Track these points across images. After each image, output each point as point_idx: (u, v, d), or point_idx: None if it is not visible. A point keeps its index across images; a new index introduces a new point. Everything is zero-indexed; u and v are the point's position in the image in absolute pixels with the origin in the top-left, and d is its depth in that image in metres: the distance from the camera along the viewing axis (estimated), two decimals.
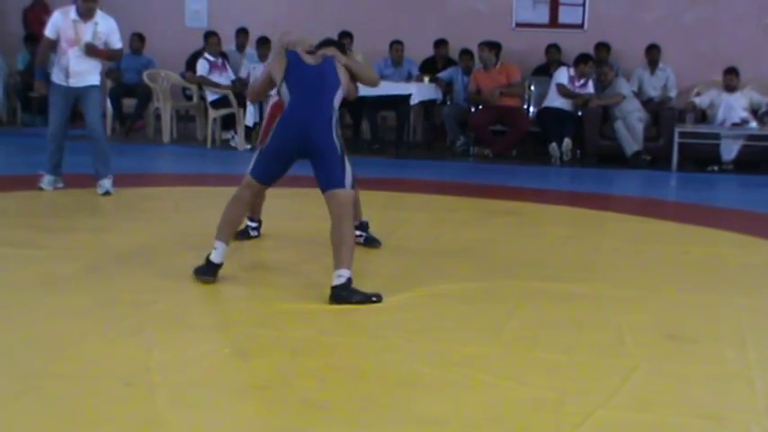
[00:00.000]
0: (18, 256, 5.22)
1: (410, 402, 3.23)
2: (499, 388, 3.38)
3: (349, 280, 4.35)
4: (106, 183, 7.31)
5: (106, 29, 7.34)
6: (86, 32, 7.22)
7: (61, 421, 2.99)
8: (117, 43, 7.48)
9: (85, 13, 7.23)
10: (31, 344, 3.76)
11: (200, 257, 5.08)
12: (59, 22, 7.24)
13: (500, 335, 4.01)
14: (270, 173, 4.68)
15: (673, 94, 11.11)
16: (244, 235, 5.63)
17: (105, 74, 12.33)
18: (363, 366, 3.61)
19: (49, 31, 7.30)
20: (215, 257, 4.61)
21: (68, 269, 4.94)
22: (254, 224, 5.75)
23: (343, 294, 4.33)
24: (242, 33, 12.18)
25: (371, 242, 5.59)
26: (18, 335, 3.88)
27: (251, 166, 4.72)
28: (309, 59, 4.72)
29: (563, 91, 10.67)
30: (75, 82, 7.27)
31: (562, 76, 10.77)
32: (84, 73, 7.29)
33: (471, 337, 3.99)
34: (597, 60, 10.93)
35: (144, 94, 11.87)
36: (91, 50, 7.26)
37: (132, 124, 12.14)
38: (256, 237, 5.72)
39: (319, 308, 4.32)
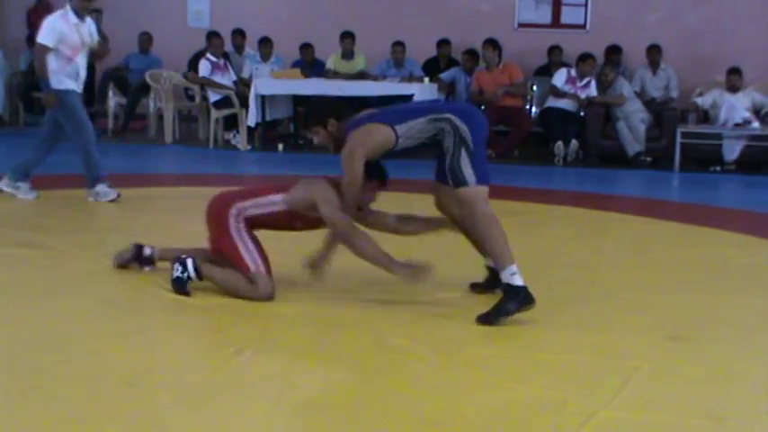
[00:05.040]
0: (21, 256, 5.22)
1: (412, 402, 3.22)
2: (501, 388, 3.38)
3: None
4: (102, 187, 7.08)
5: (93, 26, 7.11)
6: (86, 34, 6.98)
7: (64, 421, 2.99)
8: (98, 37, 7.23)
9: (83, 14, 6.93)
10: (34, 344, 3.75)
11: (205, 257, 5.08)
12: (62, 28, 6.82)
13: (502, 335, 4.01)
14: (488, 172, 4.31)
15: (675, 94, 11.11)
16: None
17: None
18: (365, 366, 3.61)
19: (48, 40, 6.78)
20: (520, 281, 4.15)
21: (71, 270, 4.94)
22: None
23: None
24: (238, 35, 12.18)
25: None
26: (21, 335, 3.88)
27: (474, 180, 4.20)
28: None
29: (554, 92, 10.69)
30: (81, 86, 7.05)
31: (558, 77, 10.78)
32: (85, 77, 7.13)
33: (473, 338, 3.98)
34: (607, 62, 10.94)
35: (136, 92, 11.86)
36: (103, 49, 7.07)
37: (125, 124, 12.06)
38: None
39: (321, 308, 4.32)
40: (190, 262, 4.39)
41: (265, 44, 11.89)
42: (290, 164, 9.96)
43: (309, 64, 11.81)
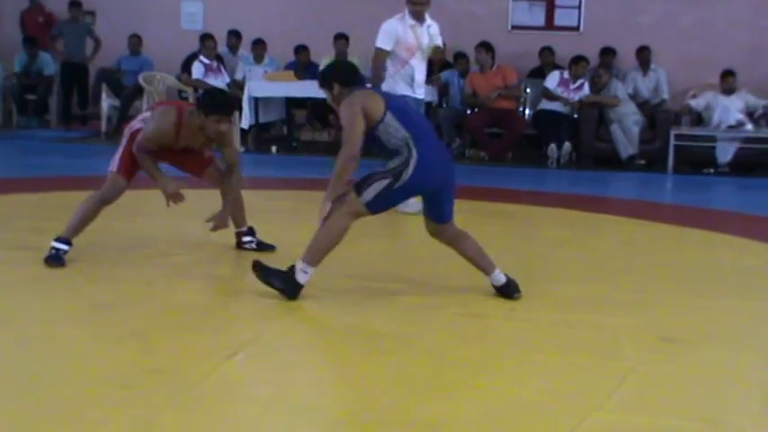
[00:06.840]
0: (15, 258, 5.21)
1: (407, 405, 3.22)
2: (495, 390, 3.38)
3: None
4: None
5: (435, 29, 7.04)
6: (422, 36, 6.93)
7: (59, 424, 2.98)
8: (441, 43, 7.11)
9: (419, 18, 6.90)
10: (29, 346, 3.75)
11: (198, 259, 5.08)
12: (398, 31, 6.84)
13: (496, 337, 4.01)
14: (388, 208, 4.45)
15: (665, 95, 11.12)
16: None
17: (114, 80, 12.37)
18: (362, 369, 3.60)
19: (385, 44, 6.85)
20: (303, 279, 4.34)
21: (66, 272, 4.93)
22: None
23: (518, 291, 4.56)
24: (233, 36, 12.19)
25: (265, 247, 5.41)
26: (15, 337, 3.87)
27: (368, 199, 4.29)
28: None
29: (546, 94, 10.72)
30: (420, 92, 6.96)
31: (551, 79, 10.81)
32: (423, 82, 7.03)
33: (467, 340, 3.99)
34: (600, 64, 10.97)
35: (129, 95, 11.85)
36: (439, 53, 7.01)
37: (118, 126, 12.04)
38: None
39: (316, 310, 4.32)
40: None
41: (258, 46, 11.89)
42: (283, 166, 9.96)
43: (304, 66, 11.80)
